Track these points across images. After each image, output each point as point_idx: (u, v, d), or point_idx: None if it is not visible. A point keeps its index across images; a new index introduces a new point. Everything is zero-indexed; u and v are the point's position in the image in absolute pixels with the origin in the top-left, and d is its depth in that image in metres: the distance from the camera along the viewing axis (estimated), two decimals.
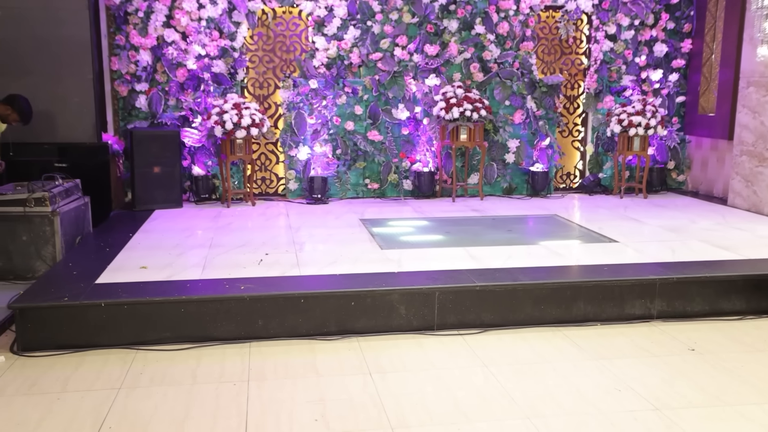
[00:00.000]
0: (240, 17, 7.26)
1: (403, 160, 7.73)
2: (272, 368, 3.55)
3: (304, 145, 7.52)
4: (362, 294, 4.03)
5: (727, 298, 4.43)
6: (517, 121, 7.89)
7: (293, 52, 7.56)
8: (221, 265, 4.67)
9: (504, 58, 7.77)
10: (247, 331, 3.92)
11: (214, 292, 4.01)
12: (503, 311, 4.16)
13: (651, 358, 3.75)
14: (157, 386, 3.33)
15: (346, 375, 3.47)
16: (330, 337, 3.96)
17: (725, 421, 3.02)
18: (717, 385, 3.40)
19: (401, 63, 7.57)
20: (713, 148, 7.96)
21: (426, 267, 4.58)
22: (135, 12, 7.03)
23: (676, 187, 8.43)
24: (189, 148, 7.33)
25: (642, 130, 7.54)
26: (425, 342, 3.94)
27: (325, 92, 7.49)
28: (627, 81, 8.13)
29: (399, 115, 7.63)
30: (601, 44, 8.00)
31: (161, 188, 6.93)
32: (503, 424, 2.98)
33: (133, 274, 4.41)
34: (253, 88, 7.61)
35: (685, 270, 4.54)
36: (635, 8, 7.94)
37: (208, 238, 5.58)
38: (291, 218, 6.53)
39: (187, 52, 7.15)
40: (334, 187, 7.64)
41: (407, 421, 2.99)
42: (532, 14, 7.81)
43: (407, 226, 6.26)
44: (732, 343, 3.97)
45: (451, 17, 7.59)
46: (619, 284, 4.30)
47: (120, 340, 3.82)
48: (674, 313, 4.38)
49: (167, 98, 7.23)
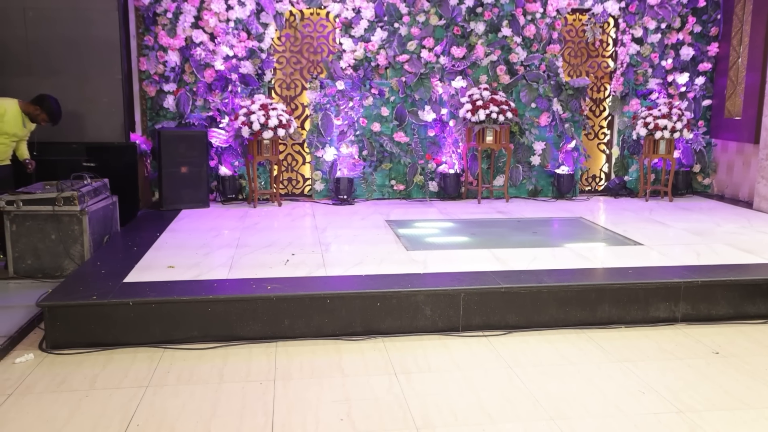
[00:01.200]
0: (268, 18, 7.34)
1: (429, 161, 7.76)
2: (298, 368, 3.60)
3: (331, 146, 7.58)
4: (388, 295, 4.07)
5: (752, 301, 4.40)
6: (543, 123, 7.88)
7: (320, 54, 7.63)
8: (248, 265, 4.73)
9: (530, 61, 7.75)
10: (273, 331, 3.98)
11: (241, 291, 4.06)
12: (528, 313, 4.17)
13: (675, 361, 3.73)
14: (185, 385, 3.39)
15: (372, 375, 3.51)
16: (355, 338, 4.00)
17: (749, 425, 3.01)
18: (741, 388, 3.38)
19: (428, 65, 7.60)
20: (739, 152, 7.86)
21: (451, 268, 4.61)
22: (164, 13, 7.15)
23: (701, 191, 8.33)
24: (216, 149, 7.43)
25: (668, 133, 7.47)
26: (450, 343, 3.97)
27: (352, 93, 7.55)
28: (653, 84, 8.06)
29: (425, 117, 7.66)
30: (628, 47, 7.95)
31: (188, 188, 7.03)
32: (527, 425, 3.00)
33: (161, 273, 4.48)
34: (281, 89, 7.69)
35: (709, 273, 4.51)
36: (662, 11, 7.87)
37: (234, 238, 5.65)
38: (317, 219, 6.59)
39: (215, 53, 7.25)
40: (360, 188, 7.69)
41: (432, 422, 3.02)
42: (559, 17, 7.78)
43: (433, 227, 6.29)
44: (756, 347, 3.94)
45: (478, 20, 7.60)
46: (643, 287, 4.29)
47: (148, 339, 3.88)
48: (699, 316, 4.35)
49: (195, 99, 7.33)
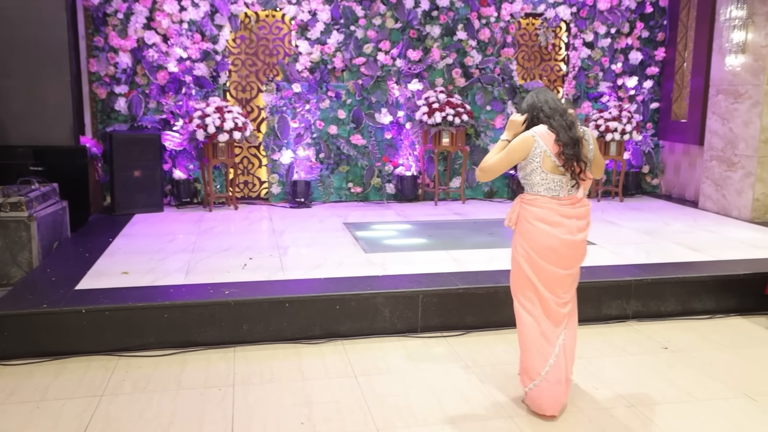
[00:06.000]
0: (222, 20, 7.26)
1: (386, 164, 7.79)
2: (258, 372, 3.58)
3: (287, 148, 7.54)
4: (347, 297, 4.08)
5: (698, 298, 4.57)
6: (498, 125, 8.00)
7: (276, 56, 7.58)
8: (205, 269, 4.68)
9: (485, 64, 7.87)
10: (231, 336, 3.94)
11: (198, 297, 4.01)
12: (485, 313, 4.24)
13: (627, 357, 3.85)
14: (141, 392, 3.33)
15: (332, 378, 3.51)
16: (315, 341, 4.00)
17: (696, 417, 3.13)
18: (688, 381, 3.52)
19: (384, 68, 7.64)
20: (685, 153, 8.15)
21: (409, 270, 4.65)
22: (114, 13, 6.99)
23: (650, 191, 8.60)
24: (170, 152, 7.31)
25: (618, 135, 7.69)
26: (409, 344, 4.00)
27: (309, 96, 7.53)
28: (604, 87, 8.29)
29: (382, 120, 7.69)
30: (579, 51, 8.15)
31: (142, 192, 6.89)
32: (487, 424, 3.05)
33: (115, 279, 4.39)
34: (236, 91, 7.61)
35: (659, 271, 4.67)
36: (611, 17, 8.10)
37: (190, 242, 5.57)
38: (274, 222, 6.55)
39: (168, 55, 7.13)
40: (318, 191, 7.67)
41: (392, 423, 3.04)
42: (513, 21, 7.93)
43: (390, 229, 6.32)
44: (702, 341, 4.10)
45: (434, 23, 7.67)
46: (596, 286, 4.41)
47: (102, 347, 3.79)
48: (649, 313, 4.50)
49: (148, 101, 7.20)
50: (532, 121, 3.14)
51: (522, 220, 3.11)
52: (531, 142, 3.04)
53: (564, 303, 3.11)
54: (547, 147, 3.01)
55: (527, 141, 3.05)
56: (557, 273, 3.06)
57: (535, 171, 3.04)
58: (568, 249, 3.05)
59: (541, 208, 3.04)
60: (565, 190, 3.05)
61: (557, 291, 3.09)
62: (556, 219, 3.03)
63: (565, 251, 3.05)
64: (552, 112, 3.07)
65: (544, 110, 3.08)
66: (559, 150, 3.00)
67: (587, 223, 3.12)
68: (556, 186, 3.04)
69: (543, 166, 3.02)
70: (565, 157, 2.99)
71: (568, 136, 3.01)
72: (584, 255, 3.15)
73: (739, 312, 4.60)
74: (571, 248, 3.06)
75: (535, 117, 3.12)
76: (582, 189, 3.08)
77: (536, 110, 3.11)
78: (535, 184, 3.07)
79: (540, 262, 3.05)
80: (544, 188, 3.05)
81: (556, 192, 3.05)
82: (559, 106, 3.11)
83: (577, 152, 3.01)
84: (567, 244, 3.04)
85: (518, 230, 3.13)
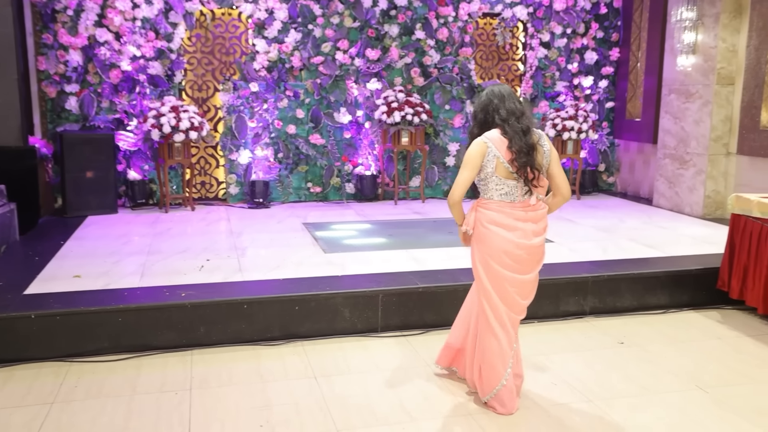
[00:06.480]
0: (177, 18, 7.12)
1: (346, 163, 7.76)
2: (216, 376, 3.51)
3: (245, 148, 7.44)
4: (306, 298, 4.04)
5: (653, 293, 4.67)
6: (457, 125, 8.05)
7: (233, 55, 7.47)
8: (160, 272, 4.58)
9: (444, 63, 7.91)
10: (189, 339, 3.86)
11: (154, 300, 3.93)
12: (445, 312, 4.24)
13: (584, 352, 3.91)
14: (94, 399, 3.24)
15: (291, 380, 3.47)
16: (274, 342, 3.95)
17: (650, 409, 3.20)
18: (643, 375, 3.59)
19: (343, 67, 7.60)
20: (640, 152, 8.34)
21: (369, 270, 4.64)
22: (63, 10, 6.79)
23: (606, 189, 8.78)
24: (124, 152, 7.13)
25: (575, 134, 7.83)
26: (369, 344, 3.98)
27: (266, 95, 7.44)
28: (560, 87, 8.42)
29: (341, 119, 7.66)
30: (536, 51, 8.26)
31: (95, 193, 6.72)
32: (447, 422, 3.05)
33: (66, 283, 4.27)
34: (192, 90, 7.47)
35: (615, 268, 4.75)
36: (567, 17, 8.23)
37: (145, 244, 5.45)
38: (232, 223, 6.45)
39: (121, 53, 6.96)
40: (276, 191, 7.60)
41: (353, 423, 3.02)
42: (471, 21, 7.98)
43: (350, 229, 6.29)
44: (657, 335, 4.20)
45: (392, 22, 7.68)
46: (554, 282, 4.46)
47: (53, 353, 3.68)
48: (605, 308, 4.58)
49: (100, 100, 7.01)
50: (486, 121, 3.08)
51: (478, 224, 3.09)
52: (485, 148, 2.99)
53: (521, 310, 3.13)
54: (500, 153, 2.97)
55: (481, 147, 3.01)
56: (516, 279, 3.06)
57: (489, 176, 3.02)
58: (524, 253, 3.04)
59: (496, 212, 3.03)
60: (520, 196, 3.04)
61: (514, 298, 3.08)
62: (510, 223, 3.01)
63: (521, 256, 3.04)
64: (508, 115, 3.00)
65: (499, 112, 3.01)
66: (512, 157, 2.96)
67: (544, 227, 3.10)
68: (510, 191, 3.02)
69: (497, 172, 2.99)
70: (518, 165, 2.96)
71: (521, 143, 2.94)
72: (542, 259, 3.14)
73: (691, 306, 4.72)
74: (528, 252, 3.04)
75: (491, 117, 3.05)
76: (535, 195, 3.06)
77: (492, 111, 3.04)
78: (489, 189, 3.05)
79: (497, 268, 3.04)
80: (498, 193, 3.03)
81: (510, 197, 3.03)
82: (517, 108, 3.03)
83: (531, 160, 2.96)
84: (523, 248, 3.02)
85: (475, 235, 3.12)
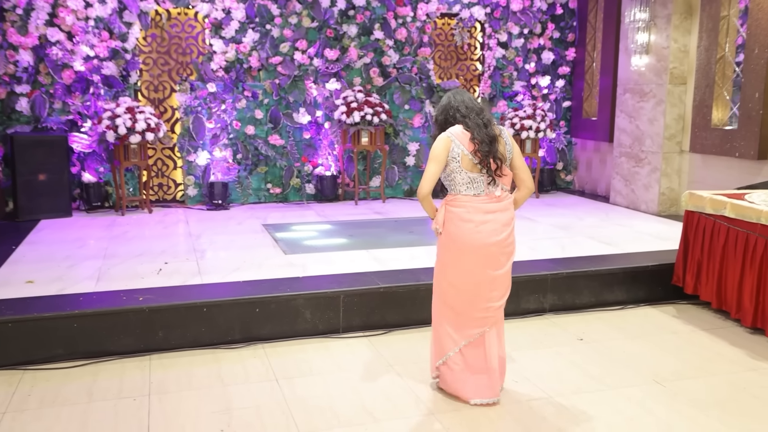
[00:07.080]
0: (132, 17, 6.97)
1: (305, 164, 7.72)
2: (175, 380, 3.46)
3: (203, 149, 7.34)
4: (266, 300, 4.00)
5: (610, 289, 4.77)
6: (417, 124, 8.09)
7: (190, 55, 7.36)
8: (117, 276, 4.49)
9: (402, 63, 7.94)
10: (147, 344, 3.79)
11: (111, 304, 3.84)
12: (407, 311, 4.26)
13: (544, 349, 3.97)
14: (49, 407, 3.16)
15: (252, 383, 3.44)
16: (235, 345, 3.91)
17: (608, 404, 3.27)
18: (602, 371, 3.66)
19: (301, 67, 7.56)
20: (596, 150, 8.52)
21: (330, 270, 4.62)
22: (12, 9, 6.59)
23: (564, 187, 8.94)
24: (78, 154, 6.95)
25: (533, 133, 7.95)
26: (331, 345, 3.97)
27: (224, 96, 7.35)
28: (518, 86, 8.54)
29: (300, 119, 7.61)
30: (494, 51, 8.36)
31: (48, 197, 6.54)
32: (409, 422, 3.06)
33: (18, 289, 4.16)
34: (148, 91, 7.33)
35: (573, 265, 4.84)
36: (524, 18, 8.35)
37: (101, 248, 5.33)
38: (191, 225, 6.35)
39: (74, 53, 6.78)
40: (235, 193, 7.51)
41: (315, 425, 3.01)
42: (429, 21, 8.03)
43: (311, 230, 6.26)
44: (615, 332, 4.29)
45: (351, 22, 7.67)
46: (514, 281, 4.44)
47: (4, 361, 3.58)
48: (565, 305, 4.66)
49: (52, 101, 6.83)
50: (447, 122, 3.20)
51: (448, 222, 3.17)
52: (449, 143, 3.11)
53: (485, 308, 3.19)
54: (464, 146, 3.08)
55: (445, 142, 3.12)
56: (488, 275, 3.14)
57: (456, 171, 3.11)
58: (495, 249, 3.13)
59: (464, 208, 3.12)
60: (485, 187, 3.12)
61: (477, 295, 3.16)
62: (480, 217, 3.10)
63: (492, 251, 3.12)
64: (468, 111, 3.14)
65: (460, 110, 3.16)
66: (475, 147, 3.07)
67: (511, 217, 3.19)
68: (476, 184, 3.12)
69: (462, 165, 3.09)
70: (481, 155, 3.06)
71: (483, 134, 3.08)
72: (512, 254, 3.23)
73: (648, 302, 4.83)
74: (498, 248, 3.13)
75: (451, 117, 3.18)
76: (500, 186, 3.15)
77: (452, 110, 3.18)
78: (456, 184, 3.14)
79: (465, 265, 3.13)
80: (465, 187, 3.12)
81: (476, 190, 3.12)
82: (476, 106, 3.19)
83: (494, 149, 3.08)
84: (494, 244, 3.12)
85: (445, 232, 3.19)
